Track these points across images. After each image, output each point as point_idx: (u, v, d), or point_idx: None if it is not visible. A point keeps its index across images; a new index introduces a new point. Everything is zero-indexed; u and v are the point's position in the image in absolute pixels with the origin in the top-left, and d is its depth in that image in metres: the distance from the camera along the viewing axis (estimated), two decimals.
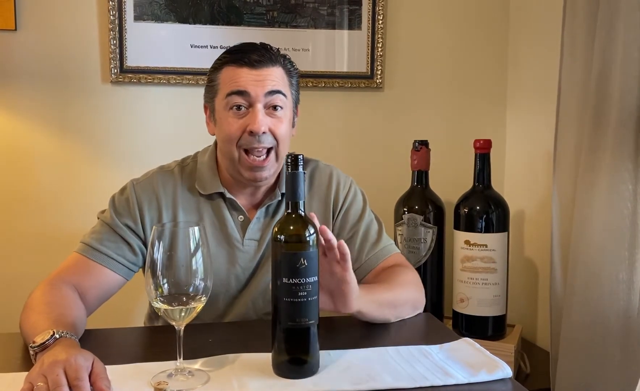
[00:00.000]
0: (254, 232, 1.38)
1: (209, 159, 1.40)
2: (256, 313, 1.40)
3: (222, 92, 1.32)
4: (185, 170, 1.41)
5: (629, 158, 1.46)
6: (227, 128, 1.31)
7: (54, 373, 0.90)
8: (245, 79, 1.29)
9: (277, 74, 1.32)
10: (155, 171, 1.42)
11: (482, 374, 1.02)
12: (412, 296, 1.33)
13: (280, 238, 1.01)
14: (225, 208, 1.38)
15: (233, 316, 1.40)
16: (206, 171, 1.39)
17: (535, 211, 2.08)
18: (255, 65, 1.30)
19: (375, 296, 1.24)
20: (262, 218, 1.39)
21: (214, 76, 1.35)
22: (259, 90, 1.29)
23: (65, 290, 1.23)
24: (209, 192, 1.37)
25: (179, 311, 1.00)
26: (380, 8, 2.09)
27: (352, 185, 1.47)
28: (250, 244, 1.38)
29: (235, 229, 1.38)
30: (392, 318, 1.27)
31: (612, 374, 1.50)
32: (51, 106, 1.95)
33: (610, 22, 1.48)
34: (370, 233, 1.42)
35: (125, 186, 1.40)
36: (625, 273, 1.47)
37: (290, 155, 1.03)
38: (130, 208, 1.35)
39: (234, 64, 1.31)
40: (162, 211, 1.36)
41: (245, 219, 1.38)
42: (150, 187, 1.38)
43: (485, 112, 2.24)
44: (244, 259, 1.38)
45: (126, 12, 1.95)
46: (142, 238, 1.35)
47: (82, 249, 1.32)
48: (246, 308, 1.39)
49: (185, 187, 1.39)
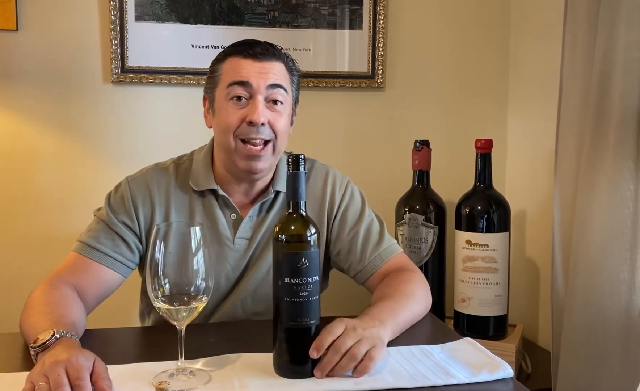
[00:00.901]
0: (246, 230, 1.38)
1: (204, 156, 1.40)
2: (245, 313, 1.39)
3: (224, 82, 1.31)
4: (181, 167, 1.41)
5: (631, 158, 1.46)
6: (225, 117, 1.30)
7: (55, 373, 0.90)
8: (248, 70, 1.29)
9: (279, 68, 1.32)
10: (150, 168, 1.42)
11: (483, 374, 1.02)
12: (425, 304, 1.33)
13: (282, 238, 1.02)
14: (217, 206, 1.37)
15: (220, 316, 1.38)
16: (201, 168, 1.39)
17: (537, 211, 2.08)
18: (258, 58, 1.30)
19: (396, 321, 1.18)
20: (255, 216, 1.39)
21: (216, 67, 1.35)
22: (260, 81, 1.29)
23: (64, 290, 1.23)
24: (202, 189, 1.37)
25: (181, 311, 1.00)
26: (382, 8, 2.09)
27: (349, 185, 1.46)
28: (241, 243, 1.37)
29: (227, 227, 1.37)
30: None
31: (613, 374, 1.50)
32: (52, 106, 1.95)
33: (612, 21, 1.48)
34: (371, 234, 1.42)
35: (120, 183, 1.40)
36: (626, 273, 1.47)
37: (291, 155, 1.03)
38: (126, 205, 1.35)
39: (238, 55, 1.31)
40: (155, 208, 1.36)
41: (238, 217, 1.38)
42: (144, 183, 1.37)
43: (486, 111, 2.24)
44: (234, 258, 1.37)
45: (127, 12, 1.95)
46: (138, 234, 1.35)
47: (80, 248, 1.32)
48: (234, 308, 1.38)
49: (178, 184, 1.38)
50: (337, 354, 1.00)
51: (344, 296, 1.75)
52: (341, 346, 1.00)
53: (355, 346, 1.01)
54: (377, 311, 1.15)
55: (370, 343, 1.02)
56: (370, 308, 1.18)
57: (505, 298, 1.79)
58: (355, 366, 1.00)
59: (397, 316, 1.19)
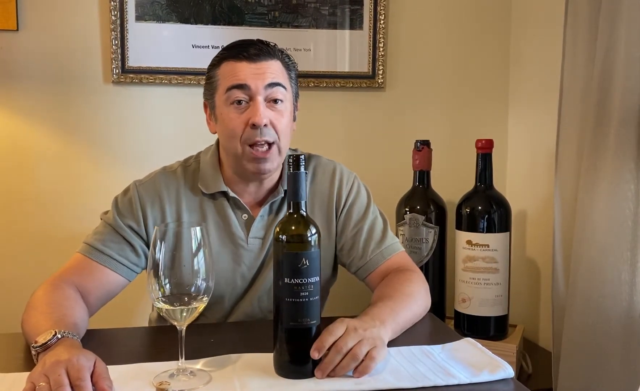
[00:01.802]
0: (258, 230, 1.38)
1: (211, 158, 1.40)
2: (261, 312, 1.40)
3: (222, 87, 1.31)
4: (188, 170, 1.41)
5: (631, 158, 1.46)
6: (229, 124, 1.30)
7: (56, 373, 0.91)
8: (245, 72, 1.29)
9: (275, 67, 1.32)
10: (158, 172, 1.42)
11: (484, 374, 1.02)
12: (424, 304, 1.33)
13: (282, 239, 1.02)
14: (228, 207, 1.38)
15: (238, 315, 1.40)
16: (209, 170, 1.39)
17: (537, 211, 2.08)
18: (253, 59, 1.30)
19: (396, 321, 1.19)
20: (266, 215, 1.39)
21: (212, 73, 1.35)
22: (258, 82, 1.29)
23: (67, 291, 1.23)
24: (211, 191, 1.37)
25: (181, 311, 1.00)
26: (382, 8, 2.09)
27: (356, 180, 1.47)
28: (255, 242, 1.38)
29: (240, 228, 1.38)
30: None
31: (614, 374, 1.49)
32: (53, 106, 1.95)
33: (613, 21, 1.48)
34: (374, 231, 1.42)
35: (128, 187, 1.40)
36: (627, 274, 1.47)
37: (291, 155, 1.03)
38: (133, 209, 1.35)
39: (233, 58, 1.31)
40: (165, 212, 1.36)
41: (249, 217, 1.38)
42: (153, 188, 1.38)
43: (487, 111, 2.24)
44: (249, 258, 1.38)
45: (128, 12, 1.95)
46: (144, 239, 1.35)
47: (85, 250, 1.32)
48: (252, 307, 1.39)
49: (188, 187, 1.39)
50: (338, 354, 1.00)
51: (344, 296, 1.75)
52: (342, 347, 1.01)
53: (357, 346, 1.01)
54: (378, 312, 1.15)
55: (371, 343, 1.03)
56: (370, 308, 1.18)
57: (506, 298, 1.79)
58: (356, 367, 1.01)
59: (397, 317, 1.19)
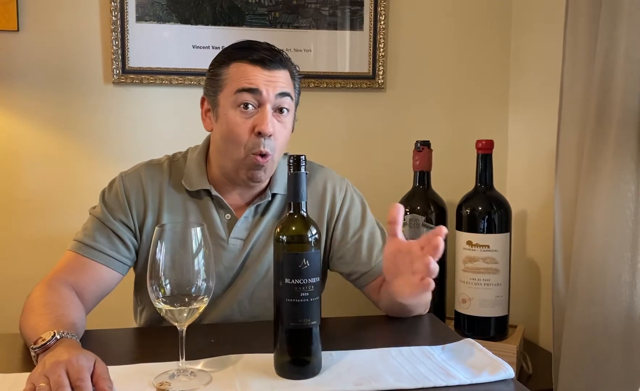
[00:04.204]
0: (241, 230, 1.37)
1: (197, 156, 1.39)
2: (242, 316, 1.38)
3: (231, 88, 1.29)
4: (175, 165, 1.40)
5: (632, 159, 1.46)
6: (234, 128, 1.29)
7: (56, 373, 0.90)
8: (258, 77, 1.28)
9: (285, 76, 1.32)
10: (144, 164, 1.41)
11: (484, 375, 1.02)
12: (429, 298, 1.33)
13: (283, 239, 1.01)
14: (212, 206, 1.36)
15: (216, 317, 1.37)
16: (194, 168, 1.38)
17: (538, 212, 2.07)
18: (267, 65, 1.29)
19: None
20: (251, 217, 1.38)
21: (219, 70, 1.32)
22: (270, 90, 1.28)
23: (63, 290, 1.23)
24: (195, 189, 1.36)
25: (182, 312, 1.00)
26: (382, 8, 2.09)
27: (348, 188, 1.46)
28: (236, 243, 1.37)
29: (221, 227, 1.36)
30: (421, 310, 1.35)
31: (614, 375, 1.49)
32: (53, 107, 1.95)
33: (613, 22, 1.48)
34: (376, 237, 1.42)
35: (114, 179, 1.39)
36: (627, 275, 1.47)
37: (292, 156, 1.02)
38: (120, 201, 1.35)
39: (245, 60, 1.29)
40: (147, 204, 1.35)
41: (232, 217, 1.37)
42: (138, 179, 1.37)
43: (487, 112, 2.24)
44: (228, 258, 1.36)
45: (128, 13, 1.95)
46: (133, 230, 1.35)
47: (76, 247, 1.31)
48: (231, 310, 1.38)
49: (172, 183, 1.38)
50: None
51: (344, 296, 1.74)
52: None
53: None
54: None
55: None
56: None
57: (506, 298, 1.79)
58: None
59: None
